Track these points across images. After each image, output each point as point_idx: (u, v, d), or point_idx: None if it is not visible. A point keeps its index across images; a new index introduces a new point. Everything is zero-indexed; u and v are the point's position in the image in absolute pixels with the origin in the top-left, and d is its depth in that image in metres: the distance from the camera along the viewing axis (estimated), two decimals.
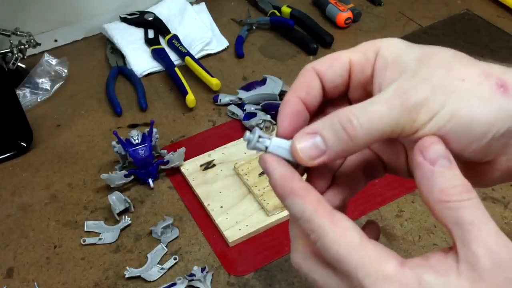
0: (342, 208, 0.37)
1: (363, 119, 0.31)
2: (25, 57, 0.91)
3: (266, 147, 0.34)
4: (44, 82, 0.92)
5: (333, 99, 0.37)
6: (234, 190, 0.73)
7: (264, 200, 0.70)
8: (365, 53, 0.34)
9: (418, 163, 0.31)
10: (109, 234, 0.70)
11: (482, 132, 0.30)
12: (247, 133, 0.35)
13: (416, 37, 1.02)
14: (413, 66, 0.32)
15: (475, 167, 0.34)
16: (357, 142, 0.31)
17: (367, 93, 0.35)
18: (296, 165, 0.34)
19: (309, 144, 0.32)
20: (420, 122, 0.31)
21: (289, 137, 0.34)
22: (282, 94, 0.85)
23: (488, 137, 0.31)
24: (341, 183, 0.37)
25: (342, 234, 0.31)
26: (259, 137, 0.34)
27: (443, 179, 0.31)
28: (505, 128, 0.30)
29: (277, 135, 0.35)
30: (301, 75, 0.36)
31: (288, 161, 0.34)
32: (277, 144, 0.34)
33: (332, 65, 0.35)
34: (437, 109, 0.30)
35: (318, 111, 0.37)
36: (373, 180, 0.40)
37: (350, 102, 0.37)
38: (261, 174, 0.74)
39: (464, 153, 0.32)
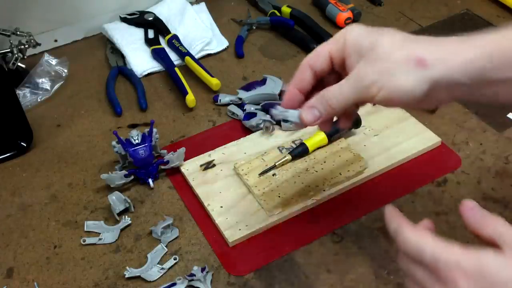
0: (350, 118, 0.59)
1: (338, 97, 0.51)
2: (25, 57, 0.91)
3: (286, 116, 0.55)
4: (44, 82, 0.92)
5: (326, 75, 0.55)
6: (234, 190, 0.73)
7: (264, 200, 0.70)
8: (337, 42, 0.51)
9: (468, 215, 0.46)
10: (109, 234, 0.70)
11: (411, 95, 0.48)
12: (273, 110, 0.56)
13: None
14: (367, 54, 0.49)
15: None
16: (337, 109, 0.52)
17: (345, 68, 0.52)
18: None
19: (310, 114, 0.53)
20: (373, 94, 0.49)
21: (288, 105, 0.55)
22: (282, 94, 0.85)
23: (416, 96, 0.48)
24: (341, 117, 0.58)
25: (421, 235, 0.45)
26: (281, 111, 0.55)
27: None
28: (426, 88, 0.47)
29: (282, 104, 0.55)
30: (298, 70, 0.55)
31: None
32: (291, 114, 0.55)
33: (318, 58, 0.53)
34: (381, 86, 0.48)
35: (317, 85, 0.55)
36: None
37: (338, 73, 0.54)
38: (261, 174, 0.74)
39: (411, 107, 0.56)
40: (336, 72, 0.54)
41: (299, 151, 0.75)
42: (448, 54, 0.48)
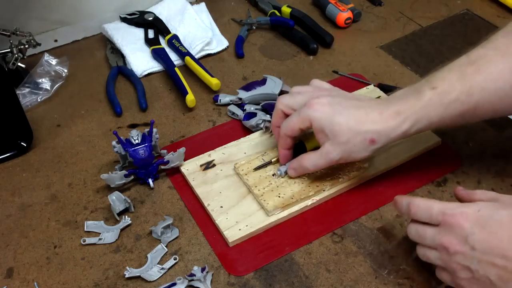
0: None
1: (311, 164, 0.69)
2: (25, 57, 0.91)
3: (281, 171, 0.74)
4: (44, 82, 0.92)
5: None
6: (234, 190, 0.73)
7: (264, 200, 0.70)
8: (306, 123, 0.67)
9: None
10: (109, 234, 0.70)
11: (362, 159, 0.68)
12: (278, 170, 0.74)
13: (416, 37, 1.02)
14: (332, 137, 0.66)
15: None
16: (310, 170, 0.71)
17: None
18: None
19: (293, 172, 0.73)
20: (339, 162, 0.68)
21: (285, 162, 0.74)
22: (282, 94, 0.85)
23: (365, 159, 0.69)
24: None
25: (429, 200, 0.59)
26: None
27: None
28: (372, 154, 0.67)
29: (280, 162, 0.75)
30: (282, 139, 0.72)
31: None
32: (284, 169, 0.74)
33: (293, 132, 0.69)
34: (344, 159, 0.67)
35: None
36: None
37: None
38: (256, 168, 0.74)
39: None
40: None
41: (297, 150, 0.75)
42: (390, 130, 0.64)
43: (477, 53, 0.65)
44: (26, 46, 0.91)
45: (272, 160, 0.75)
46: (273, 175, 0.74)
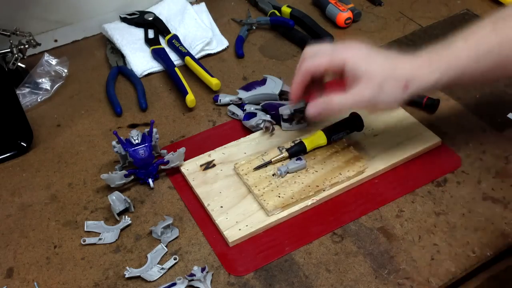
0: None
1: (339, 104, 0.67)
2: (25, 57, 0.91)
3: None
4: (44, 82, 0.92)
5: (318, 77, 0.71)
6: (234, 190, 0.73)
7: (264, 200, 0.70)
8: (335, 63, 0.66)
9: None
10: (109, 234, 0.70)
11: (393, 107, 0.68)
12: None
13: (416, 37, 1.02)
14: (364, 79, 0.64)
15: None
16: (335, 112, 0.69)
17: (338, 73, 0.68)
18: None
19: (313, 109, 0.69)
20: (366, 107, 0.68)
21: (295, 100, 0.74)
22: (282, 94, 0.85)
23: (396, 107, 0.69)
24: None
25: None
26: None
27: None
28: (404, 101, 0.66)
29: (290, 98, 0.74)
30: (300, 74, 0.69)
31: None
32: (284, 169, 0.74)
33: (317, 69, 0.68)
34: (374, 103, 0.65)
35: (311, 84, 0.71)
36: None
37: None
38: (256, 168, 0.74)
39: (386, 110, 0.71)
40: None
41: (297, 149, 0.75)
42: (422, 77, 0.64)
43: (507, 11, 0.66)
44: (26, 46, 0.91)
45: (272, 160, 0.75)
46: (273, 175, 0.74)
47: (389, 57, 0.66)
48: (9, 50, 0.90)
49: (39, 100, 0.90)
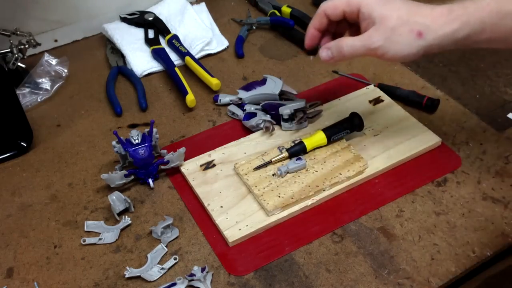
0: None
1: (350, 48, 0.65)
2: (25, 57, 0.91)
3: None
4: (44, 82, 0.92)
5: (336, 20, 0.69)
6: (234, 190, 0.73)
7: (264, 200, 0.70)
8: (351, 6, 0.65)
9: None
10: (109, 234, 0.70)
11: (406, 57, 0.63)
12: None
13: None
14: (378, 23, 0.63)
15: None
16: (346, 56, 0.66)
17: (354, 19, 0.67)
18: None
19: (325, 53, 0.68)
20: (377, 53, 0.64)
21: (310, 46, 0.73)
22: (282, 94, 0.85)
23: (410, 58, 0.64)
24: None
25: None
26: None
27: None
28: (419, 53, 0.63)
29: (305, 43, 0.73)
30: (317, 15, 0.69)
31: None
32: (284, 169, 0.74)
33: (334, 11, 0.67)
34: (387, 50, 0.63)
35: (329, 27, 0.71)
36: None
37: (346, 21, 0.69)
38: (256, 168, 0.74)
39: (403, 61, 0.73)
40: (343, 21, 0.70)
41: (297, 149, 0.75)
42: (439, 26, 0.61)
43: None
44: (26, 46, 0.91)
45: (272, 160, 0.75)
46: (273, 175, 0.74)
47: (408, 3, 0.63)
48: (9, 50, 0.90)
49: (39, 100, 0.90)
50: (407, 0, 0.64)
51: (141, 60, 0.96)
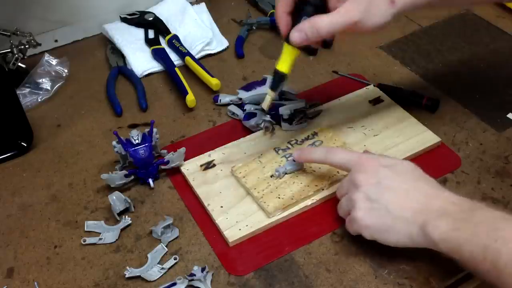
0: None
1: (328, 25, 0.62)
2: (26, 57, 0.91)
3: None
4: (45, 82, 0.92)
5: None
6: (234, 190, 0.73)
7: (265, 202, 0.70)
8: None
9: None
10: (109, 234, 0.70)
11: (382, 27, 0.64)
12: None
13: (416, 37, 1.02)
14: None
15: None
16: (323, 35, 0.63)
17: None
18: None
19: (298, 35, 0.64)
20: (355, 27, 0.63)
21: (287, 33, 0.66)
22: (282, 94, 0.85)
23: (384, 27, 0.64)
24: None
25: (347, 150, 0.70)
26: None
27: None
28: (388, 20, 0.64)
29: (281, 32, 0.68)
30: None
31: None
32: (282, 170, 0.74)
33: None
34: (364, 22, 0.63)
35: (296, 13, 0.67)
36: None
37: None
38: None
39: (377, 31, 0.65)
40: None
41: (276, 80, 0.69)
42: None
43: None
44: (27, 46, 0.91)
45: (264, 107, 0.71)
46: (271, 176, 0.74)
47: None
48: (9, 50, 0.90)
49: (39, 100, 0.90)
50: None
51: (141, 60, 0.96)
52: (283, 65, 0.68)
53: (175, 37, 0.99)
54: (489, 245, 0.52)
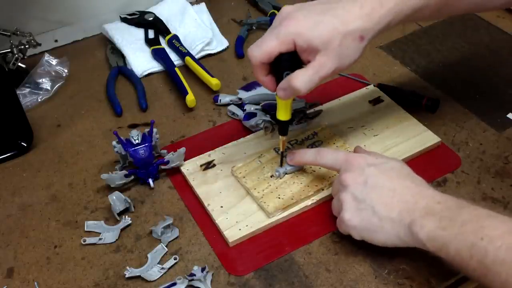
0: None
1: (306, 82, 0.61)
2: (26, 57, 0.91)
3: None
4: (45, 82, 0.92)
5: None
6: (234, 190, 0.73)
7: (265, 203, 0.70)
8: (286, 44, 0.61)
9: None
10: (109, 234, 0.70)
11: (355, 61, 0.64)
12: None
13: (416, 37, 1.02)
14: (322, 49, 0.60)
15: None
16: (303, 92, 0.62)
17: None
18: None
19: (283, 94, 0.64)
20: (331, 75, 0.63)
21: (273, 89, 0.67)
22: None
23: (357, 61, 0.64)
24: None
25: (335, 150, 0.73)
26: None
27: None
28: (361, 54, 0.64)
29: (273, 91, 0.67)
30: (257, 67, 0.64)
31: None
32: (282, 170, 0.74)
33: (270, 56, 0.62)
34: (339, 68, 0.62)
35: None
36: None
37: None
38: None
39: (350, 66, 0.64)
40: None
41: (283, 127, 0.71)
42: (375, 25, 0.62)
43: None
44: (27, 46, 0.91)
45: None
46: (271, 176, 0.74)
47: (336, 14, 0.61)
48: (9, 50, 0.90)
49: (39, 100, 0.90)
50: (330, 9, 0.62)
51: (141, 60, 0.96)
52: (283, 114, 0.69)
53: (175, 37, 0.99)
54: (475, 243, 0.53)
